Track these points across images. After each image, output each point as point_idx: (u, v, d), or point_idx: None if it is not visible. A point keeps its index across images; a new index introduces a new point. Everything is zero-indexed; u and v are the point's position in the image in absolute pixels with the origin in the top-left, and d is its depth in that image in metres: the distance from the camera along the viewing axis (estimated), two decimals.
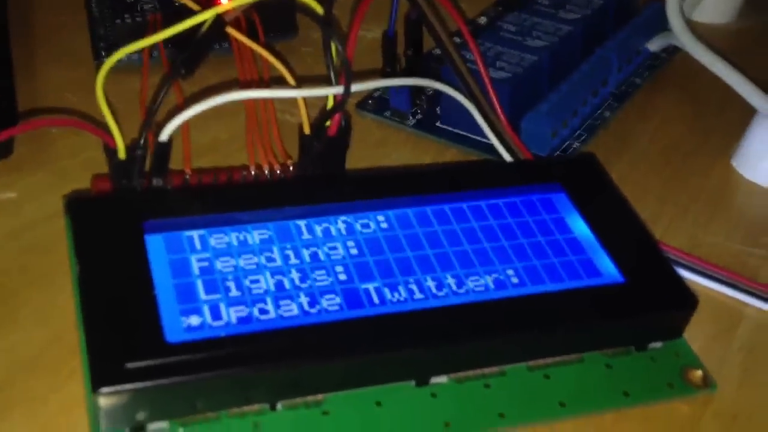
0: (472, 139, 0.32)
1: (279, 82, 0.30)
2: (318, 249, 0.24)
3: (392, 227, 0.25)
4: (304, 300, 0.22)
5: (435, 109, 0.34)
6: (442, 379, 0.23)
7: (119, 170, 0.26)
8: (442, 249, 0.25)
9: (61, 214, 0.28)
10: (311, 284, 0.23)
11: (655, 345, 0.25)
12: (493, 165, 0.29)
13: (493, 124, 0.30)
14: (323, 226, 0.24)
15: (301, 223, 0.24)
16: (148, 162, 0.26)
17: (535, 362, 0.24)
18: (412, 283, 0.23)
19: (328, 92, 0.25)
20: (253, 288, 0.23)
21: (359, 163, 0.31)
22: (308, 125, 0.27)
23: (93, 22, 0.36)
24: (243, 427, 0.21)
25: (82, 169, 0.30)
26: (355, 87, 0.26)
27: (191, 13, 0.31)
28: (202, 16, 0.24)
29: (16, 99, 0.32)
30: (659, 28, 0.37)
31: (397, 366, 0.23)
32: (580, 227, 0.26)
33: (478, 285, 0.24)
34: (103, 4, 0.36)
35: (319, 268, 0.23)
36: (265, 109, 0.30)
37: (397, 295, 0.23)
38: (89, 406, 0.21)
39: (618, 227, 0.26)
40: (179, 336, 0.21)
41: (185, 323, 0.21)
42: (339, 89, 0.25)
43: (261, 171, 0.28)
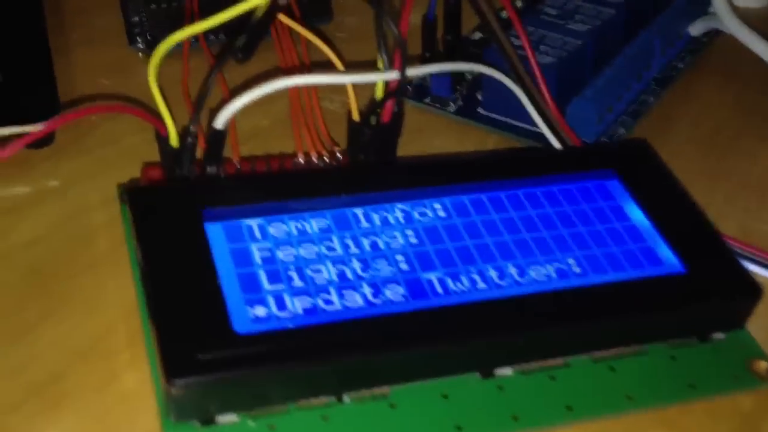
0: (515, 125, 0.32)
1: (320, 67, 0.30)
2: (377, 238, 0.24)
3: (450, 215, 0.25)
4: (367, 290, 0.22)
5: (476, 95, 0.33)
6: (507, 371, 0.23)
7: (171, 158, 0.25)
8: (501, 237, 0.24)
9: (106, 202, 0.28)
10: (373, 274, 0.23)
11: (718, 336, 0.25)
12: (546, 152, 0.29)
13: (541, 110, 0.30)
14: (381, 215, 0.24)
15: (359, 211, 0.24)
16: (198, 150, 0.25)
17: (599, 354, 0.23)
18: (474, 272, 0.23)
19: (384, 77, 0.25)
20: (316, 278, 0.22)
21: (402, 151, 0.30)
22: (357, 112, 0.27)
23: (125, 5, 0.36)
24: (311, 419, 0.21)
25: (123, 156, 0.30)
26: (409, 72, 0.26)
27: None
28: (256, 1, 0.23)
29: (57, 86, 0.31)
30: (700, 12, 0.36)
31: (462, 357, 0.22)
32: (637, 214, 0.26)
33: (541, 274, 0.23)
34: None
35: (380, 257, 0.23)
36: (308, 96, 0.30)
37: (459, 285, 0.23)
38: (158, 396, 0.21)
39: (675, 214, 0.26)
40: (247, 327, 0.21)
41: (252, 314, 0.21)
42: (393, 74, 0.25)
43: (309, 158, 0.28)
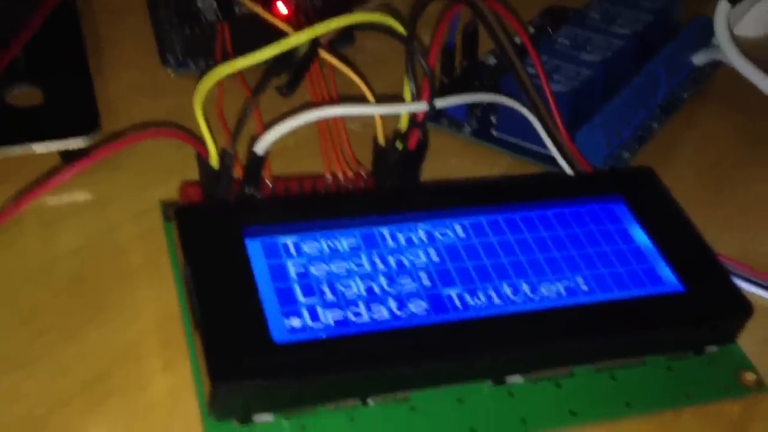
0: (526, 148, 0.34)
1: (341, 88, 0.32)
2: (402, 256, 0.26)
3: (469, 236, 0.27)
4: (393, 304, 0.24)
5: (490, 118, 0.36)
6: (517, 379, 0.25)
7: (210, 178, 0.27)
8: (516, 257, 0.26)
9: (143, 215, 0.30)
10: (399, 289, 0.25)
11: (711, 349, 0.27)
12: (559, 177, 0.31)
13: (553, 135, 0.32)
14: (405, 234, 0.26)
15: (385, 231, 0.26)
16: (236, 170, 0.28)
17: (602, 364, 0.26)
18: (491, 289, 0.25)
19: (413, 109, 0.27)
20: (346, 292, 0.24)
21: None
22: (383, 137, 0.29)
23: (159, 29, 0.38)
24: (338, 419, 0.23)
25: (158, 171, 0.31)
26: (438, 104, 0.28)
27: (258, 20, 0.32)
28: (299, 39, 0.26)
29: (96, 104, 0.33)
30: (704, 43, 0.39)
31: (477, 366, 0.24)
32: (641, 237, 0.28)
33: (551, 292, 0.26)
34: (170, 11, 0.38)
35: (404, 273, 0.25)
36: (334, 119, 0.32)
37: (477, 300, 0.25)
38: (200, 397, 0.23)
39: (676, 237, 0.28)
40: (285, 336, 0.23)
41: (288, 324, 0.23)
42: (422, 105, 0.27)
43: (336, 179, 0.30)
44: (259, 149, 0.26)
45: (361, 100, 0.28)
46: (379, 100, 0.29)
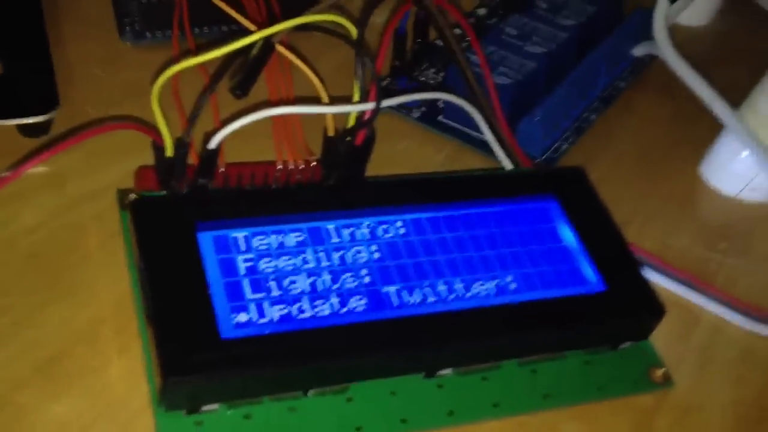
0: (472, 136, 0.36)
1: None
2: (346, 252, 0.27)
3: (409, 232, 0.28)
4: (335, 301, 0.26)
5: (438, 104, 0.37)
6: (447, 372, 0.27)
7: (165, 165, 0.29)
8: (451, 255, 0.28)
9: (101, 193, 0.31)
10: (341, 286, 0.26)
11: (626, 345, 0.29)
12: (497, 175, 0.33)
13: (493, 127, 0.34)
14: (350, 230, 0.28)
15: (331, 226, 0.28)
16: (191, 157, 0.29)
17: (525, 358, 0.28)
18: (427, 287, 0.27)
19: (361, 108, 0.28)
20: (292, 289, 0.26)
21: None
22: (333, 128, 0.30)
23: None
24: (280, 410, 0.25)
25: (116, 149, 0.32)
26: (382, 104, 0.29)
27: None
28: (251, 39, 0.27)
29: (55, 78, 0.34)
30: (645, 35, 0.40)
31: (411, 361, 0.26)
32: (569, 237, 0.30)
33: (483, 290, 0.28)
34: None
35: (347, 270, 0.27)
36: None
37: (414, 298, 0.27)
38: (151, 387, 0.25)
39: (601, 238, 0.30)
40: (231, 332, 0.24)
41: (235, 320, 0.25)
42: (369, 105, 0.29)
43: (287, 167, 0.31)
44: (212, 144, 0.27)
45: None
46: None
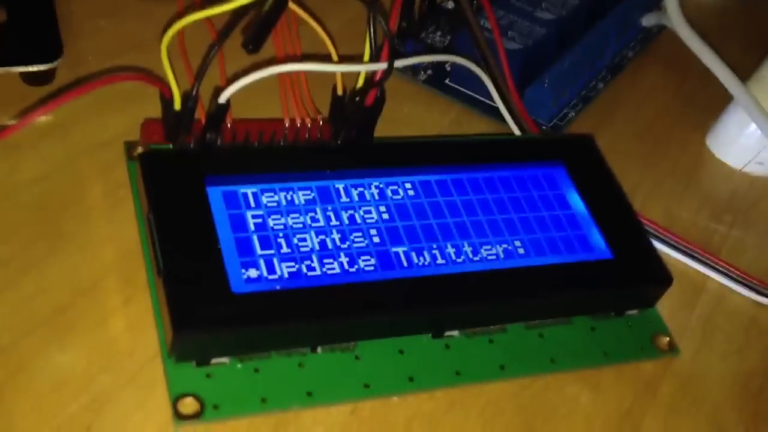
0: (478, 100, 0.36)
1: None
2: (355, 212, 0.27)
3: (418, 194, 0.28)
4: (344, 260, 0.26)
5: (445, 67, 0.37)
6: (454, 333, 0.27)
7: (173, 118, 0.28)
8: (460, 218, 0.28)
9: (107, 143, 0.30)
10: (350, 245, 0.26)
11: (632, 312, 0.29)
12: (506, 141, 0.32)
13: (502, 93, 0.33)
14: (359, 190, 0.28)
15: (340, 185, 0.28)
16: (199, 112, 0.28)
17: (532, 322, 0.28)
18: (435, 249, 0.27)
19: (372, 68, 0.28)
20: (301, 246, 0.26)
21: None
22: (341, 86, 0.30)
23: None
24: (290, 365, 0.25)
25: (121, 97, 0.32)
26: (395, 63, 0.29)
27: None
28: None
29: (59, 28, 0.33)
30: (654, 4, 0.40)
31: (419, 321, 0.26)
32: (578, 203, 0.30)
33: (491, 254, 0.27)
34: None
35: (356, 230, 0.27)
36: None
37: (422, 259, 0.27)
38: (161, 338, 0.25)
39: (609, 206, 0.30)
40: (242, 287, 0.24)
41: (245, 275, 0.25)
42: (382, 65, 0.28)
43: (294, 125, 0.31)
44: (222, 98, 0.27)
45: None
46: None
